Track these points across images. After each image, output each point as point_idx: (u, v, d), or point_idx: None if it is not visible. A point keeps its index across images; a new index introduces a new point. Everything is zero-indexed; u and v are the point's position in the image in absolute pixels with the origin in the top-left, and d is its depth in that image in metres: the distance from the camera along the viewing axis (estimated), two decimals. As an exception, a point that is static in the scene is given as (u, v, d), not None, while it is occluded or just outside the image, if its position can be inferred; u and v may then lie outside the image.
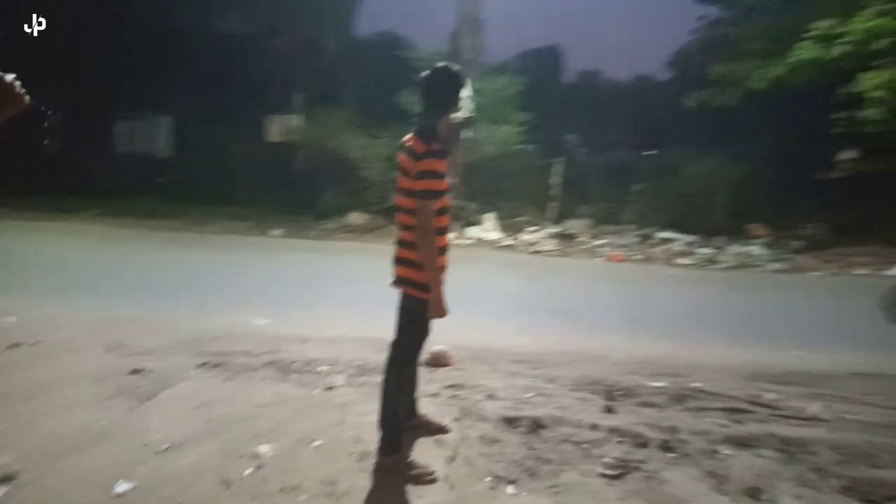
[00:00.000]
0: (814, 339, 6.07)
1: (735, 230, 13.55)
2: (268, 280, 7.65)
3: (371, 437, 3.12)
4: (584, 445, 3.35)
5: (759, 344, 5.78)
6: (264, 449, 2.97)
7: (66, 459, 2.84)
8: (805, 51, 12.32)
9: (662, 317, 6.82)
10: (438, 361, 4.56)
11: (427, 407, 3.47)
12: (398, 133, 12.33)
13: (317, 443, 3.07)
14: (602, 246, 11.53)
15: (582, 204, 14.92)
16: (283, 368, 4.29)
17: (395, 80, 17.83)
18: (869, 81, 11.57)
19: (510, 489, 2.84)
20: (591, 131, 22.12)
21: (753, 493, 2.93)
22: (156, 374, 4.02)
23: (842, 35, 11.83)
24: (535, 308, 6.86)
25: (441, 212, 2.66)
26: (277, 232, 11.65)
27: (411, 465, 2.78)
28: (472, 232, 11.92)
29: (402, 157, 2.71)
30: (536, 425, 3.55)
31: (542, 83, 18.43)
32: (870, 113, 11.98)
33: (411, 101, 13.95)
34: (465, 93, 9.99)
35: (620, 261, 10.53)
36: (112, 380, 3.89)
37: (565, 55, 29.51)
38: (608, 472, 3.05)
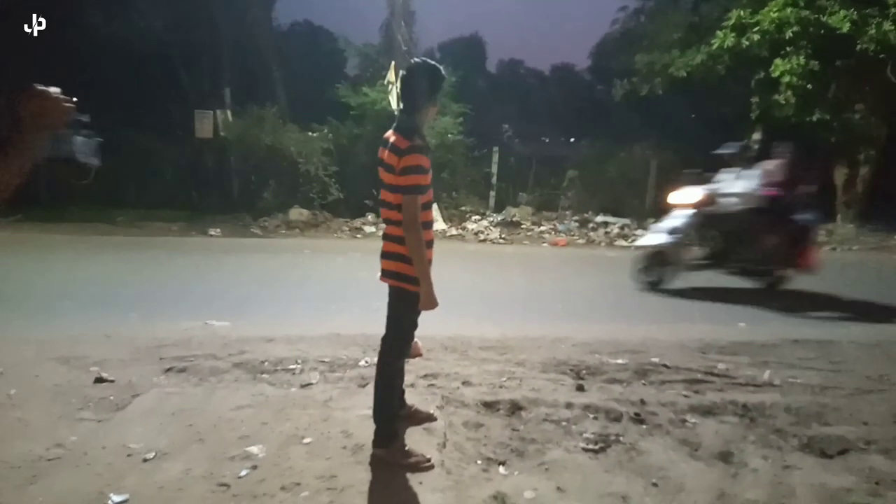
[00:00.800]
0: (754, 312, 6.51)
1: (664, 212, 14.21)
2: (216, 282, 7.43)
3: (360, 431, 3.15)
4: (563, 423, 3.49)
5: (704, 320, 6.13)
6: (254, 450, 2.94)
7: (44, 481, 2.71)
8: (722, 39, 13.02)
9: (611, 298, 7.11)
10: (409, 352, 4.60)
11: (409, 397, 3.51)
12: (334, 127, 12.27)
13: (307, 440, 3.06)
14: (545, 232, 11.83)
15: (519, 192, 15.24)
16: (253, 369, 4.22)
17: (325, 72, 17.61)
18: (781, 67, 12.36)
19: (502, 470, 2.94)
20: (521, 121, 22.59)
21: (724, 456, 3.14)
22: (120, 384, 3.87)
23: (755, 24, 12.58)
24: (494, 296, 7.00)
25: (425, 206, 2.70)
26: (215, 231, 11.28)
27: (408, 454, 2.82)
28: (416, 224, 11.95)
29: (384, 154, 2.73)
30: (515, 407, 3.67)
31: (469, 73, 18.65)
32: (781, 97, 12.82)
33: (346, 94, 13.85)
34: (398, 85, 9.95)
35: (563, 245, 10.85)
36: (75, 393, 3.72)
37: (488, 44, 29.85)
38: (590, 446, 3.20)
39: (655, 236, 7.58)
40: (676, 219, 7.46)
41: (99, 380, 3.90)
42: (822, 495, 2.78)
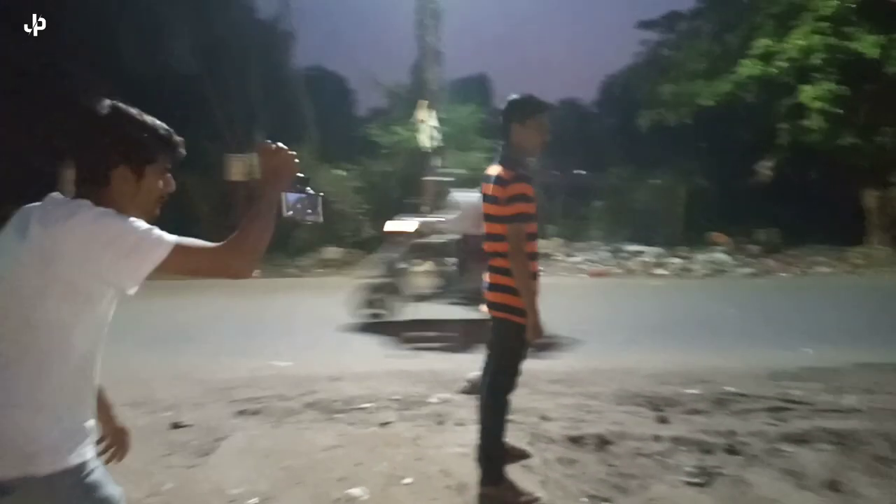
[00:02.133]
0: (812, 336, 6.39)
1: (694, 240, 14.17)
2: (266, 321, 7.46)
3: (458, 469, 3.10)
4: (656, 457, 3.41)
5: (766, 345, 6.03)
6: (357, 492, 2.90)
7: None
8: (748, 67, 13.11)
9: (668, 327, 7.02)
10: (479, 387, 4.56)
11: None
12: (365, 165, 12.34)
13: (406, 480, 3.02)
14: (579, 263, 11.79)
15: (548, 223, 15.25)
16: (326, 408, 4.20)
17: (338, 113, 17.91)
18: (810, 93, 12.39)
19: (608, 507, 2.87)
20: (544, 153, 22.72)
21: (833, 485, 3.05)
22: (199, 427, 3.86)
23: (780, 52, 12.67)
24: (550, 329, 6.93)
25: (531, 237, 2.71)
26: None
27: (517, 492, 2.77)
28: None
29: (488, 188, 2.75)
30: (603, 442, 3.60)
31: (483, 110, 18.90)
32: (811, 123, 12.83)
33: (378, 133, 14.07)
34: (432, 122, 10.11)
35: (602, 276, 10.80)
36: (156, 437, 3.71)
37: (494, 82, 29.83)
38: (694, 480, 3.12)
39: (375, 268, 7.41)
40: (394, 249, 7.27)
41: (175, 425, 3.89)
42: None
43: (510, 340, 2.76)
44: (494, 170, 2.76)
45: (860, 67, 12.40)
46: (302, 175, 1.56)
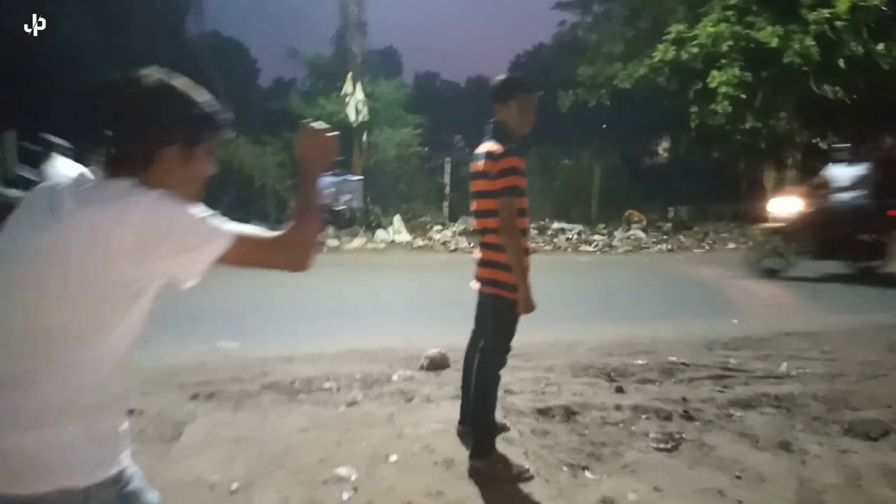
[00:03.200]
0: (734, 307, 6.88)
1: (611, 217, 14.80)
2: (193, 301, 7.07)
3: (442, 445, 3.11)
4: (621, 425, 3.57)
5: (695, 316, 6.42)
6: (343, 472, 2.84)
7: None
8: (662, 52, 13.70)
9: (603, 301, 7.32)
10: (439, 364, 4.58)
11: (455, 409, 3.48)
12: (287, 140, 11.92)
13: (392, 458, 2.99)
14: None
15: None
16: (286, 390, 4.07)
17: (243, 84, 17.14)
18: (717, 79, 13.15)
19: (589, 475, 2.97)
20: (470, 131, 22.85)
21: (785, 445, 3.31)
22: (153, 414, 3.63)
23: (693, 38, 13.32)
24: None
25: (521, 213, 2.73)
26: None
27: (508, 466, 2.81)
28: (382, 235, 11.85)
29: (478, 165, 2.74)
30: (569, 413, 3.72)
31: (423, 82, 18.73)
32: (718, 106, 13.63)
33: (299, 106, 13.59)
34: (359, 96, 10.00)
35: (533, 252, 11.03)
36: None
37: (402, 56, 29.41)
38: (661, 446, 3.29)
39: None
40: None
41: (129, 411, 3.64)
42: (888, 473, 2.98)
43: (503, 316, 2.77)
44: (485, 146, 2.74)
45: (760, 55, 13.26)
46: (341, 158, 1.50)
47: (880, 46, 12.46)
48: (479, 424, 2.84)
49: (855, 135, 14.60)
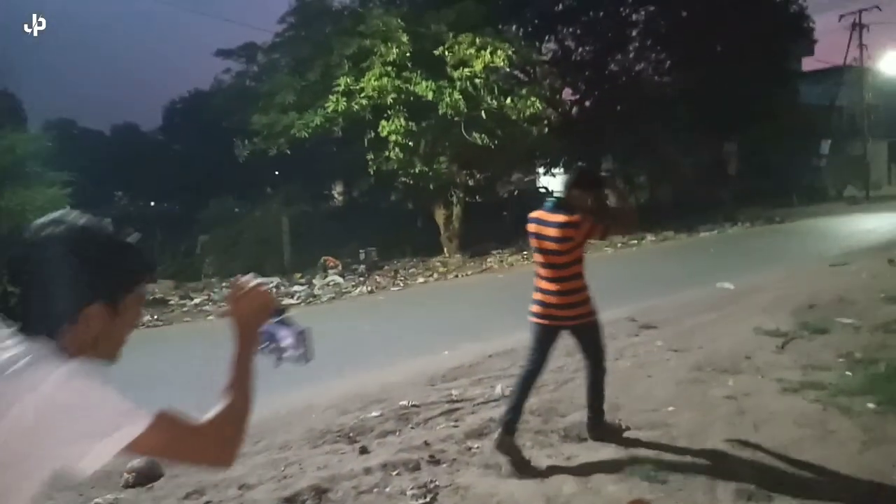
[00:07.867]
0: (441, 337, 7.28)
1: (306, 264, 14.77)
2: None
3: None
4: (376, 490, 3.43)
5: (410, 354, 6.64)
6: None
7: None
8: (334, 104, 14.29)
9: (320, 354, 7.02)
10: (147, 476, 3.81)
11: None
12: None
13: None
14: (201, 304, 10.94)
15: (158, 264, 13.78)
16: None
17: None
18: (387, 128, 14.24)
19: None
20: (130, 185, 20.31)
21: (522, 467, 3.53)
22: None
23: (359, 91, 14.21)
24: (194, 385, 6.18)
25: None
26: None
27: None
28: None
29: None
30: (319, 491, 3.44)
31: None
32: (390, 153, 14.77)
33: None
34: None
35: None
36: None
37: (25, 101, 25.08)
38: (421, 501, 3.22)
39: None
40: None
41: None
42: (606, 470, 3.40)
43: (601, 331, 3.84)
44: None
45: (420, 106, 14.79)
46: (281, 307, 1.35)
47: (509, 101, 15.00)
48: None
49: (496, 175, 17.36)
